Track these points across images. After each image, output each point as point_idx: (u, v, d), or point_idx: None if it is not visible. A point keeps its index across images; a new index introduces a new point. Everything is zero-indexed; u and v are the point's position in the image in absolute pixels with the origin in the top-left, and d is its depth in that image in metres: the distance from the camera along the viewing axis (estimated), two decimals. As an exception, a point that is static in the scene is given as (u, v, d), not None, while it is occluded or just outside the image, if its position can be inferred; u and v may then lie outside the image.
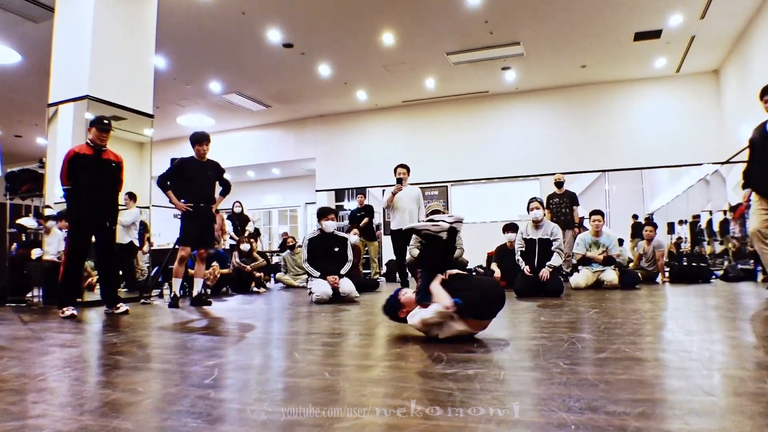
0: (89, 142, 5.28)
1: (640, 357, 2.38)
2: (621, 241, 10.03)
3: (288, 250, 9.82)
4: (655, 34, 10.39)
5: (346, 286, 6.08)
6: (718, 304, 4.85)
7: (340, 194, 15.74)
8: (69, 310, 4.90)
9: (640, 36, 10.50)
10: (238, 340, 3.33)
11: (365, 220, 10.35)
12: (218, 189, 6.21)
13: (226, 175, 6.26)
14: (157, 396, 1.96)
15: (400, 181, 7.37)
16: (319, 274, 6.14)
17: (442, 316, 2.90)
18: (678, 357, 2.41)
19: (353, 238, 8.60)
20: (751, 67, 10.11)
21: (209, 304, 5.97)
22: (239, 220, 10.55)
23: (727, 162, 11.48)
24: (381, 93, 13.99)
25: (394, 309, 3.37)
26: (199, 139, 5.96)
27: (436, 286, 3.05)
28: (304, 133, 16.16)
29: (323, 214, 6.45)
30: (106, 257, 5.42)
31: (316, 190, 15.81)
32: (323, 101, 14.55)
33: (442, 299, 2.93)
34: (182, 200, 5.83)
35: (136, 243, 8.14)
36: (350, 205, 15.03)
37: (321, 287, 5.93)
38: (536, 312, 4.41)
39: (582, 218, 9.36)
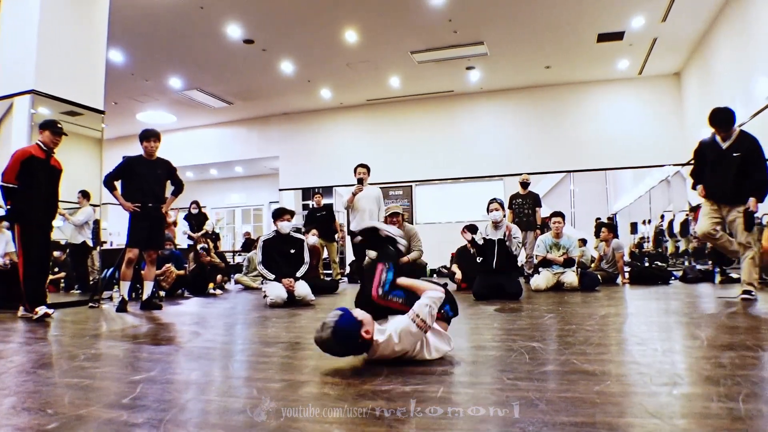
0: (41, 145, 5.10)
1: (587, 370, 2.27)
2: (584, 242, 10.12)
3: (254, 250, 9.60)
4: (618, 35, 10.45)
5: (302, 289, 5.90)
6: (674, 308, 4.84)
7: (307, 194, 15.52)
8: (42, 310, 4.78)
9: (603, 37, 10.55)
10: (176, 351, 3.15)
11: (339, 235, 10.07)
12: (170, 189, 6.01)
13: (192, 174, 6.08)
14: (65, 419, 1.78)
15: (360, 181, 7.25)
16: (273, 276, 5.96)
17: None
18: (627, 370, 2.33)
19: (311, 239, 8.41)
20: (712, 70, 10.24)
21: (160, 308, 5.74)
22: (196, 220, 10.27)
23: (688, 164, 11.58)
24: (345, 91, 13.81)
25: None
26: (147, 136, 5.75)
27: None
28: (267, 131, 15.86)
29: (278, 214, 6.27)
30: (43, 259, 5.22)
31: (280, 189, 15.55)
32: (287, 99, 14.31)
33: None
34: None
35: (90, 243, 7.81)
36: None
37: (275, 290, 5.75)
38: (491, 317, 4.32)
39: (545, 219, 9.35)
